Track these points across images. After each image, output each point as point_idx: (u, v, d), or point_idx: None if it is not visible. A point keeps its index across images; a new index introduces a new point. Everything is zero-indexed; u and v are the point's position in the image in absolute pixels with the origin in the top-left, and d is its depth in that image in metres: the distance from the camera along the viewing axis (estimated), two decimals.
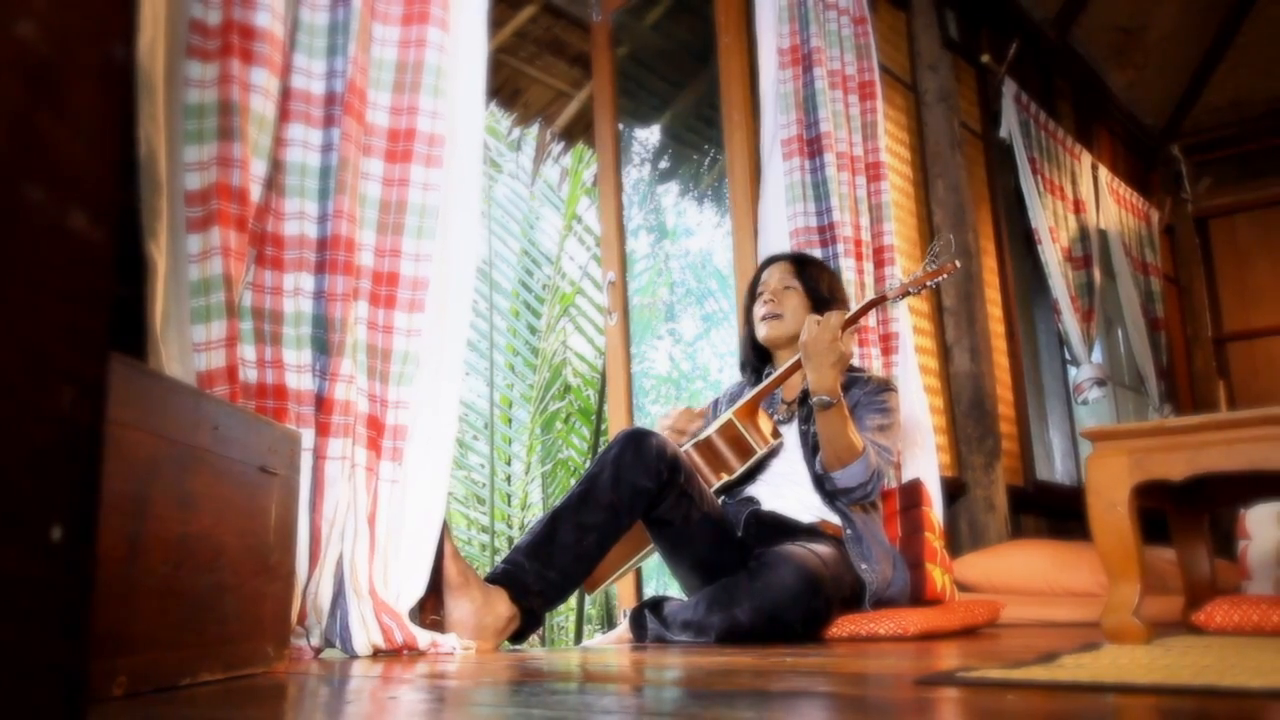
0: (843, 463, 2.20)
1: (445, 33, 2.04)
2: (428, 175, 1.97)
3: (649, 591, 3.50)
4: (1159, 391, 5.20)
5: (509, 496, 6.36)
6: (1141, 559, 1.49)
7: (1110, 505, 1.49)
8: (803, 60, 3.16)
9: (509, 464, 6.40)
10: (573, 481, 6.09)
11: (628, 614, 2.35)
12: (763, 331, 2.47)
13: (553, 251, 6.37)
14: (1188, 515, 1.89)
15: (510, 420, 6.46)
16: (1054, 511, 4.20)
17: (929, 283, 2.35)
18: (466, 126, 2.08)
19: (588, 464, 6.35)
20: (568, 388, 6.28)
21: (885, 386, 2.43)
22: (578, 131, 4.72)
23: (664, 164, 5.35)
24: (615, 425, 3.45)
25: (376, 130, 1.97)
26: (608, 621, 6.06)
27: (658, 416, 2.49)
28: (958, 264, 2.36)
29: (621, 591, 3.29)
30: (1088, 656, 1.24)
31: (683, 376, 9.04)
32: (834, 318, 2.22)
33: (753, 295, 2.55)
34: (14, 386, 0.41)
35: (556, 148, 4.86)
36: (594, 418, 6.17)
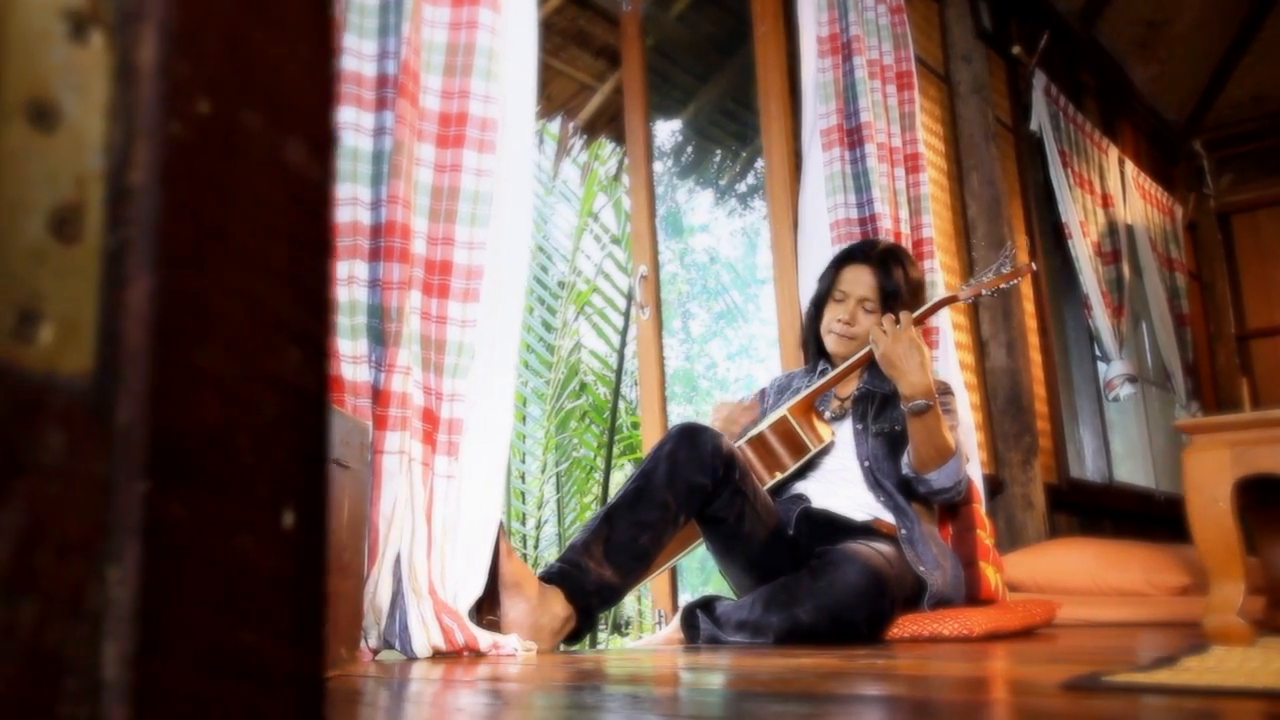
0: (938, 463, 2.14)
1: (496, 13, 1.98)
2: (480, 160, 1.91)
3: (683, 589, 3.43)
4: (1186, 389, 5.14)
5: (524, 494, 6.30)
6: (1244, 556, 1.43)
7: (1211, 501, 1.43)
8: (842, 49, 3.10)
9: (523, 461, 6.33)
10: (621, 481, 6.02)
11: (661, 614, 2.28)
12: (830, 343, 2.35)
13: (566, 248, 6.30)
14: (1270, 510, 1.83)
15: (525, 418, 6.39)
16: (1085, 510, 4.15)
17: (1003, 285, 2.27)
18: (518, 110, 2.01)
19: (600, 461, 6.29)
20: (583, 386, 6.21)
21: (945, 389, 2.36)
22: (600, 125, 4.65)
23: (686, 159, 5.27)
24: (648, 421, 3.38)
25: (428, 114, 1.90)
26: (612, 624, 5.97)
27: (712, 408, 2.41)
28: (1034, 267, 2.28)
29: (656, 591, 3.22)
30: (1211, 659, 1.18)
31: (695, 374, 8.99)
32: (904, 318, 2.15)
33: (828, 290, 2.38)
34: (239, 345, 0.35)
35: (577, 142, 4.79)
36: (607, 415, 6.11)
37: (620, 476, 6.19)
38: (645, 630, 6.14)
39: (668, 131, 5.21)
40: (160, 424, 0.32)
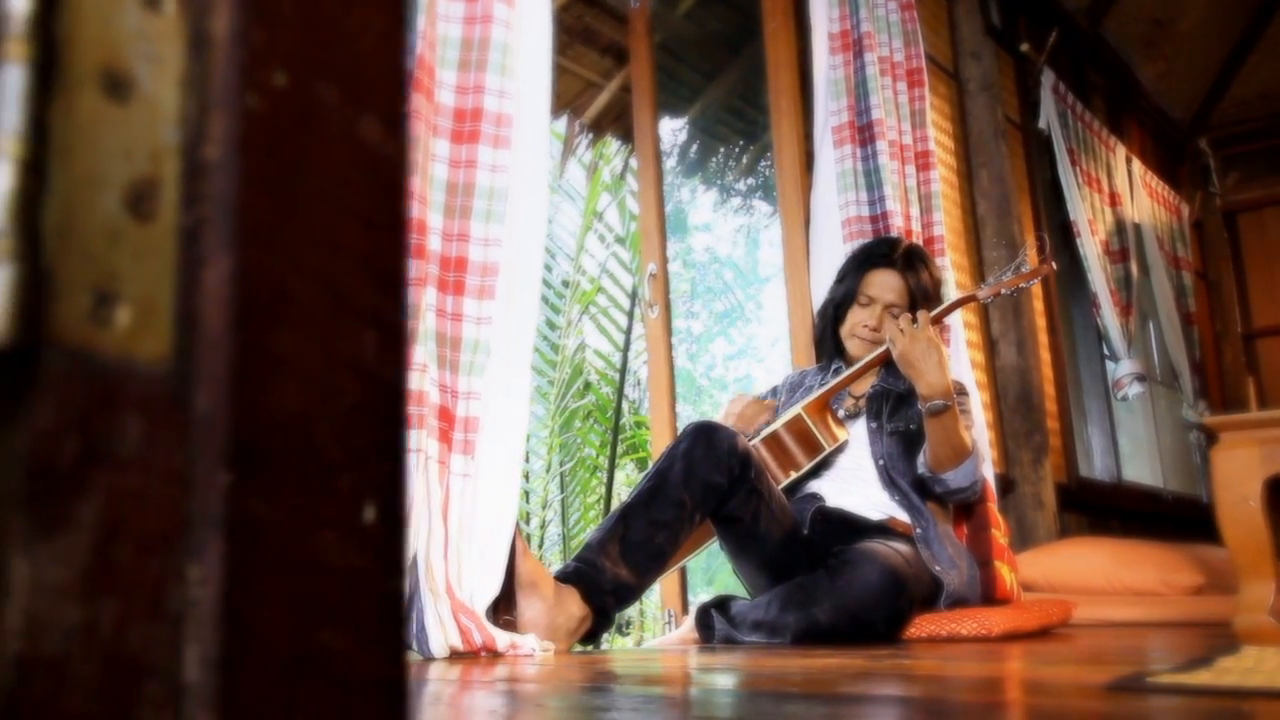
0: (954, 463, 2.13)
1: (511, 8, 1.96)
2: (495, 157, 1.89)
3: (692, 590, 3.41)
4: (1193, 388, 5.13)
5: (528, 494, 6.28)
6: (1275, 556, 1.41)
7: (1241, 499, 1.41)
8: (853, 45, 3.08)
9: (528, 461, 6.31)
10: (624, 480, 6.01)
11: (671, 614, 2.27)
12: (854, 346, 2.33)
13: (570, 247, 6.28)
14: None
15: (530, 417, 6.36)
16: (1094, 509, 4.13)
17: (1022, 284, 2.25)
18: (533, 106, 1.99)
19: (604, 460, 6.27)
20: (587, 385, 6.19)
21: (961, 390, 2.34)
22: (606, 124, 4.63)
23: (690, 157, 5.25)
24: (657, 420, 3.37)
25: (442, 110, 1.88)
26: (615, 627, 5.95)
27: (727, 401, 2.39)
28: (1054, 266, 2.26)
29: (666, 591, 3.21)
30: (1246, 659, 1.16)
31: (696, 374, 8.97)
32: (921, 318, 2.13)
33: (851, 294, 2.35)
34: (316, 330, 0.33)
35: (583, 141, 4.77)
36: (611, 414, 6.09)
37: (623, 476, 6.18)
38: (648, 631, 6.12)
39: (672, 130, 5.19)
40: (241, 413, 0.30)
